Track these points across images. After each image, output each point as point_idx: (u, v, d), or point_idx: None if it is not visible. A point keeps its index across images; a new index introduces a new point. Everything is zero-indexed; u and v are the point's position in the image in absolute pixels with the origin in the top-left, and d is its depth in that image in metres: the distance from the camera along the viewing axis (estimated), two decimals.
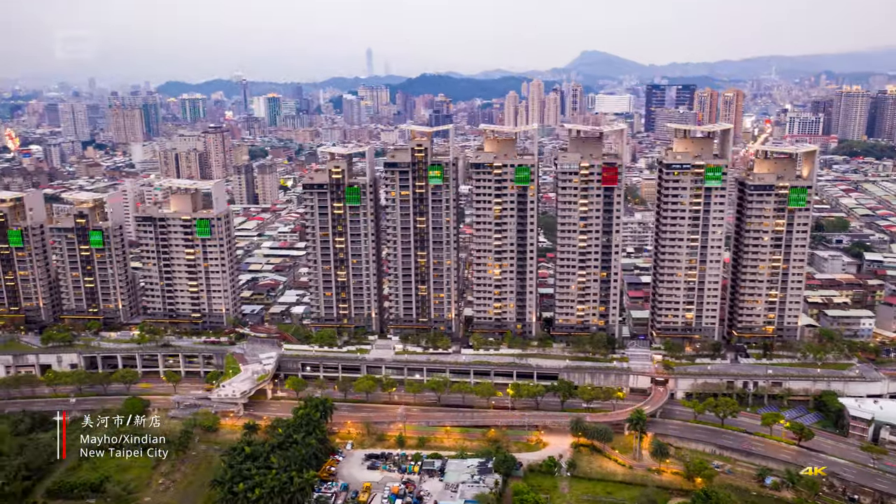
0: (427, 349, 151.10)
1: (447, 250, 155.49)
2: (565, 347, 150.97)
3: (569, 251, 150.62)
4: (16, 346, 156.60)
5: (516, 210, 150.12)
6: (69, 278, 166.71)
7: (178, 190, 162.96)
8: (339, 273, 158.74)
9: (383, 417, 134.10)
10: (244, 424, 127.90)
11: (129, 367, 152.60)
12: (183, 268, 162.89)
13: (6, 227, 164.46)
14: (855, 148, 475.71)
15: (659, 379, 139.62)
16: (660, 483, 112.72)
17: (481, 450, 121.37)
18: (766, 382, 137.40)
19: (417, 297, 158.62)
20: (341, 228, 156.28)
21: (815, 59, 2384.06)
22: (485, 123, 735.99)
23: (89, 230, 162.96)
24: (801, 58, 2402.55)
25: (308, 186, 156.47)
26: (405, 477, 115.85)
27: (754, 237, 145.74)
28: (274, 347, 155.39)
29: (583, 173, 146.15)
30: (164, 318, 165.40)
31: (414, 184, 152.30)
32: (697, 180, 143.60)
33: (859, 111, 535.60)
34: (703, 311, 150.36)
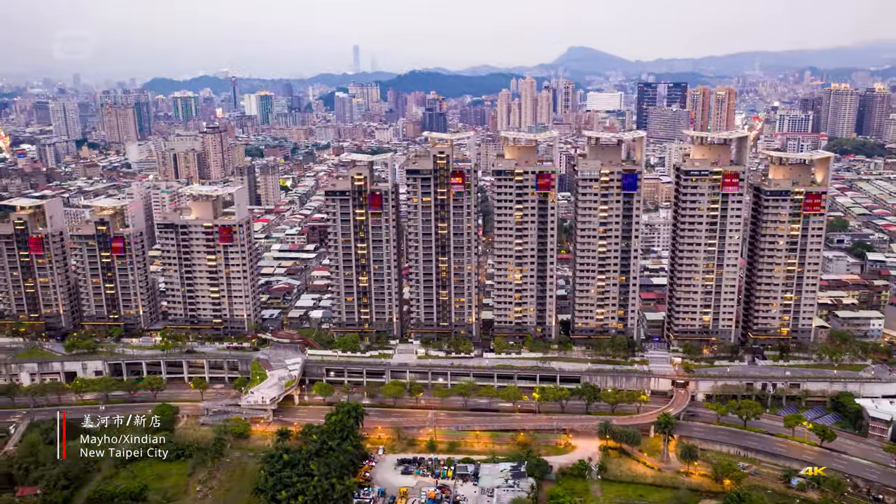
0: (450, 353, 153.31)
1: (468, 256, 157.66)
2: (585, 350, 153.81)
3: (588, 256, 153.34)
4: (40, 353, 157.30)
5: (537, 216, 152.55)
6: (90, 285, 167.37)
7: (200, 196, 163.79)
8: (360, 278, 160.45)
9: (412, 422, 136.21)
10: (277, 431, 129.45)
11: (154, 373, 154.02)
12: (204, 274, 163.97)
13: (27, 234, 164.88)
14: (845, 146, 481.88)
15: (679, 381, 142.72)
16: (689, 485, 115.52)
17: (511, 454, 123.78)
18: (784, 384, 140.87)
19: (438, 301, 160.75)
20: (363, 234, 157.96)
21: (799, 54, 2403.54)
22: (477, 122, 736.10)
23: (110, 237, 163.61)
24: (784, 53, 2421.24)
25: (330, 193, 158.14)
26: (440, 482, 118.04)
27: (770, 241, 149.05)
28: (297, 353, 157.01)
29: (603, 180, 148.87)
30: (186, 324, 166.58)
31: (436, 190, 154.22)
32: (715, 186, 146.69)
33: (848, 109, 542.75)
34: (719, 314, 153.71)
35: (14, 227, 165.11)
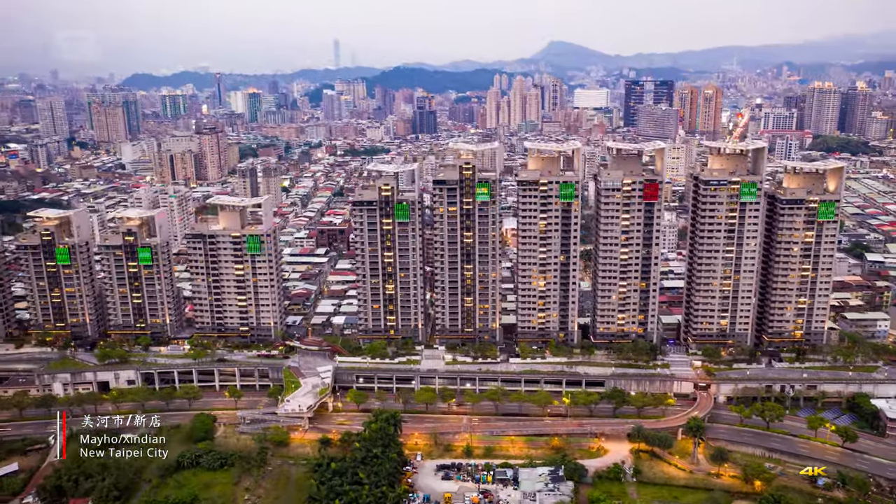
0: (476, 359, 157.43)
1: (492, 263, 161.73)
2: (607, 354, 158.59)
3: (610, 263, 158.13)
4: (72, 363, 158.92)
5: (560, 224, 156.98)
6: (116, 294, 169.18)
7: (227, 207, 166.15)
8: (387, 286, 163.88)
9: (447, 428, 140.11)
10: (319, 439, 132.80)
11: (185, 382, 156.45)
12: (232, 283, 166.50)
13: (53, 245, 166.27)
14: (830, 144, 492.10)
15: (701, 384, 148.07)
16: (720, 486, 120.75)
17: (547, 458, 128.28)
18: (801, 386, 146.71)
19: (463, 308, 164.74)
20: (390, 243, 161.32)
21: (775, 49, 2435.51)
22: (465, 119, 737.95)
23: (138, 247, 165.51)
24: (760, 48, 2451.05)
25: (357, 204, 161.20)
26: (481, 487, 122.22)
27: (785, 248, 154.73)
28: (326, 360, 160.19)
29: (625, 189, 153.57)
30: (213, 332, 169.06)
31: (461, 200, 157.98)
32: (733, 195, 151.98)
33: (831, 107, 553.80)
34: (736, 318, 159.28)
35: (41, 238, 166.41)
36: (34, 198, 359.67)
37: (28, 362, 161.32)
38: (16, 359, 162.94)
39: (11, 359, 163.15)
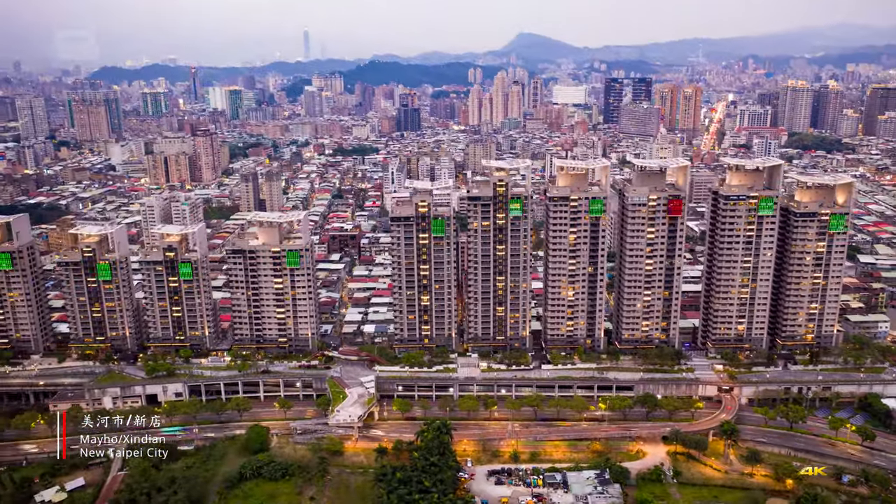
0: (510, 366, 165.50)
1: (523, 275, 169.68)
2: (633, 359, 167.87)
3: (636, 273, 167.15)
4: (120, 377, 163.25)
5: (589, 238, 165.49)
6: (156, 308, 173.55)
7: (265, 223, 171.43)
8: (422, 297, 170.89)
9: (491, 434, 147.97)
10: (374, 448, 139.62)
11: (230, 393, 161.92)
12: (271, 296, 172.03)
13: (95, 261, 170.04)
14: (805, 142, 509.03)
15: (724, 387, 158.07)
16: (755, 486, 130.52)
17: (592, 461, 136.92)
18: (817, 387, 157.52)
19: (495, 317, 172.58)
20: (426, 257, 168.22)
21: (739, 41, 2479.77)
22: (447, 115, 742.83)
23: (179, 262, 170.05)
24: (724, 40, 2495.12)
25: (395, 219, 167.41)
26: (533, 490, 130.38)
27: (798, 258, 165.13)
28: (365, 369, 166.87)
29: (650, 204, 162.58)
30: (252, 344, 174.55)
31: (495, 215, 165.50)
32: (751, 210, 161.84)
33: (804, 105, 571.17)
34: (752, 323, 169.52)
35: (83, 255, 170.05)
36: (31, 202, 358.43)
37: (74, 376, 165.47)
38: (61, 373, 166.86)
39: (57, 373, 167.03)
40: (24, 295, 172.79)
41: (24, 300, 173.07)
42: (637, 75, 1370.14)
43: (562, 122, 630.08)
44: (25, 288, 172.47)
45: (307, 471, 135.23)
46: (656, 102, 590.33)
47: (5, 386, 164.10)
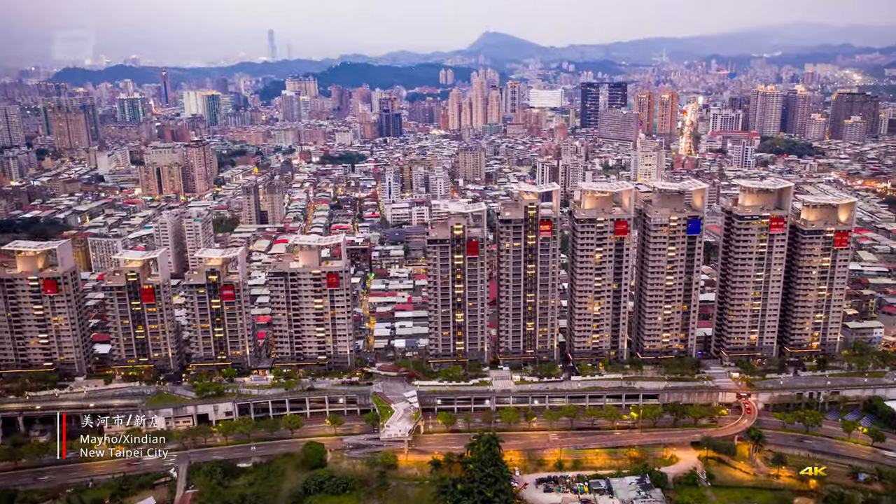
0: (542, 378, 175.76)
1: (551, 292, 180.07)
2: (654, 369, 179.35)
3: (657, 288, 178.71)
4: (171, 398, 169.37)
5: (614, 256, 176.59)
6: (199, 330, 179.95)
7: (306, 246, 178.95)
8: (456, 315, 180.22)
9: (533, 444, 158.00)
10: (429, 461, 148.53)
11: (277, 411, 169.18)
12: (311, 316, 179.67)
13: (139, 285, 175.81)
14: (777, 145, 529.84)
15: (742, 394, 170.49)
16: (782, 487, 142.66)
17: (631, 468, 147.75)
18: (826, 392, 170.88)
19: (525, 332, 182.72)
20: (460, 276, 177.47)
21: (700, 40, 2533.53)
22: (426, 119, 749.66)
23: (221, 285, 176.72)
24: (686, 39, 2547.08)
25: (432, 241, 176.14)
26: (581, 497, 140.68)
27: (805, 272, 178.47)
28: (404, 384, 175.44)
29: (671, 224, 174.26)
30: (292, 362, 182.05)
31: (525, 237, 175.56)
32: (764, 228, 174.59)
33: (774, 109, 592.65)
34: (763, 333, 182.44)
35: (126, 280, 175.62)
36: (27, 216, 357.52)
37: (123, 397, 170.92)
38: (110, 394, 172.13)
39: (106, 395, 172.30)
40: (68, 319, 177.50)
41: (68, 324, 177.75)
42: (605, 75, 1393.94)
43: (541, 126, 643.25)
44: (70, 312, 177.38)
45: (367, 484, 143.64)
46: (634, 108, 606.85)
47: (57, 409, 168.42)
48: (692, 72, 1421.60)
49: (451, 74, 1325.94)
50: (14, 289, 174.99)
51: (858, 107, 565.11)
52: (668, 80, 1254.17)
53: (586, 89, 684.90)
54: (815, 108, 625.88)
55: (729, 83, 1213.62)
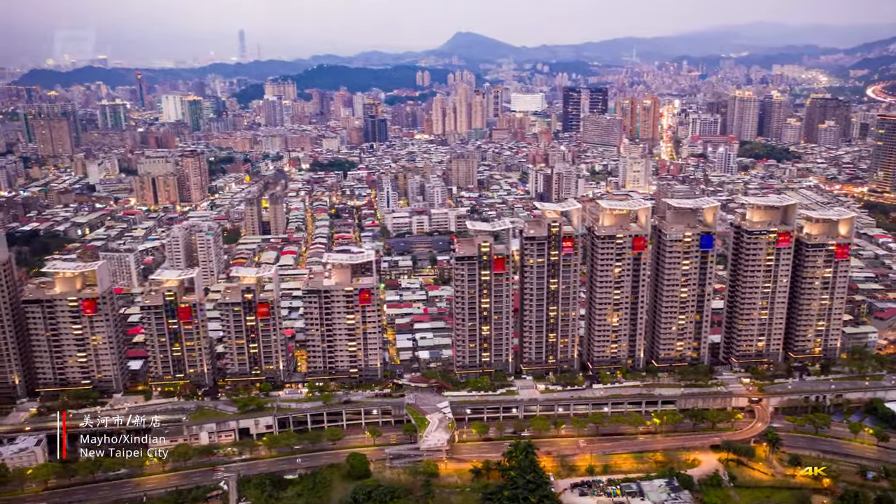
0: (565, 386, 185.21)
1: (573, 304, 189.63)
2: (669, 376, 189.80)
3: (672, 300, 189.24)
4: (213, 413, 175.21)
5: (631, 270, 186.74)
6: (234, 346, 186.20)
7: (339, 265, 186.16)
8: (483, 328, 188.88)
9: (563, 450, 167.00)
10: (469, 469, 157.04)
11: (314, 423, 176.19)
12: (343, 331, 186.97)
13: (176, 304, 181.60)
14: (756, 150, 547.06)
15: (754, 399, 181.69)
16: (799, 486, 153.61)
17: (657, 471, 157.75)
18: (831, 395, 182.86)
19: (547, 342, 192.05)
20: (486, 291, 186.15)
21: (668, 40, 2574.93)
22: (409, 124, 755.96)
23: (255, 303, 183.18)
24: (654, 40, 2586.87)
25: (459, 259, 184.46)
26: (614, 500, 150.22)
27: (809, 283, 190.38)
28: (435, 395, 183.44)
29: (685, 240, 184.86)
30: (325, 375, 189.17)
31: (549, 253, 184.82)
32: (771, 243, 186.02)
33: (751, 114, 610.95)
34: (770, 340, 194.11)
35: (164, 299, 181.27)
36: (26, 229, 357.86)
37: (164, 413, 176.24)
38: (152, 410, 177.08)
39: (148, 410, 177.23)
40: (106, 338, 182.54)
41: (106, 343, 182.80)
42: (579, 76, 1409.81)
43: (525, 130, 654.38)
44: (108, 332, 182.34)
45: (412, 493, 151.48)
46: (617, 113, 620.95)
47: (100, 425, 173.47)
48: (664, 73, 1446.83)
49: (428, 76, 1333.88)
50: (53, 309, 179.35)
51: (832, 111, 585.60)
52: (641, 82, 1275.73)
53: (568, 94, 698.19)
54: (789, 112, 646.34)
55: (701, 84, 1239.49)
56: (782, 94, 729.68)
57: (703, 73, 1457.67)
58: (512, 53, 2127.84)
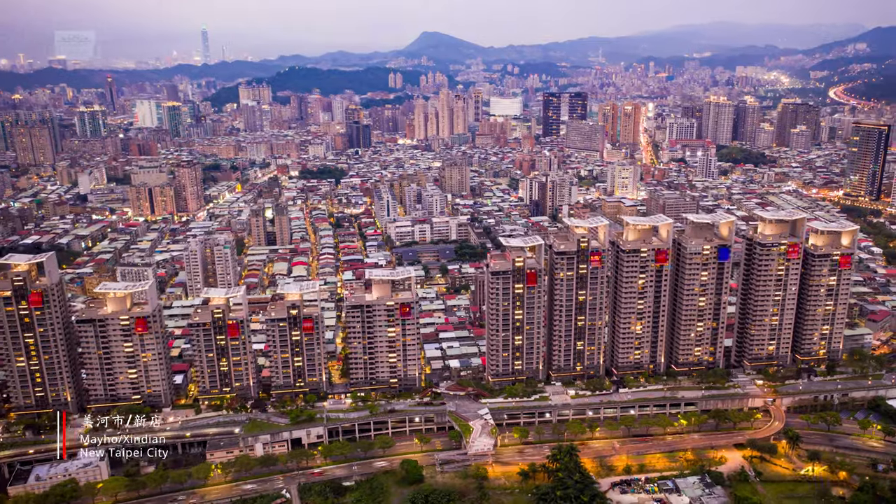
0: (594, 391, 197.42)
1: (599, 314, 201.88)
2: (688, 380, 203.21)
3: (690, 309, 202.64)
4: (267, 424, 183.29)
5: (654, 282, 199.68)
6: (279, 359, 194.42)
7: (380, 280, 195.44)
8: (516, 338, 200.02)
9: (599, 452, 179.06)
10: (518, 472, 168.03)
11: (361, 432, 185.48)
12: (384, 343, 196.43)
13: (225, 321, 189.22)
14: (734, 154, 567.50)
15: (768, 399, 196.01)
16: (818, 479, 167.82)
17: (688, 468, 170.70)
18: (839, 394, 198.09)
19: (575, 350, 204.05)
20: (519, 304, 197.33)
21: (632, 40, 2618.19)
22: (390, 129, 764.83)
23: (301, 318, 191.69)
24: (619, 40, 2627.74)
25: (495, 273, 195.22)
26: (653, 497, 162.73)
27: (815, 290, 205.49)
28: (472, 402, 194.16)
29: (704, 253, 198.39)
30: (366, 386, 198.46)
31: (578, 267, 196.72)
32: (782, 254, 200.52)
33: (726, 118, 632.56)
34: (780, 344, 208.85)
35: (213, 316, 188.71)
36: (28, 242, 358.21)
37: (217, 426, 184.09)
38: (204, 424, 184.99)
39: (200, 424, 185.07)
40: (156, 354, 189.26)
41: (156, 359, 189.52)
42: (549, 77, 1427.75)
43: (507, 135, 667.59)
44: (157, 349, 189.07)
45: (465, 495, 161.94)
46: (599, 119, 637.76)
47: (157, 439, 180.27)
48: (633, 74, 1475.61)
49: (400, 78, 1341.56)
50: (106, 328, 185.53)
51: (802, 116, 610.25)
52: (611, 84, 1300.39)
53: (548, 99, 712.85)
54: (762, 117, 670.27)
55: (669, 86, 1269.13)
56: (750, 97, 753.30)
57: (670, 74, 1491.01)
58: (479, 53, 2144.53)
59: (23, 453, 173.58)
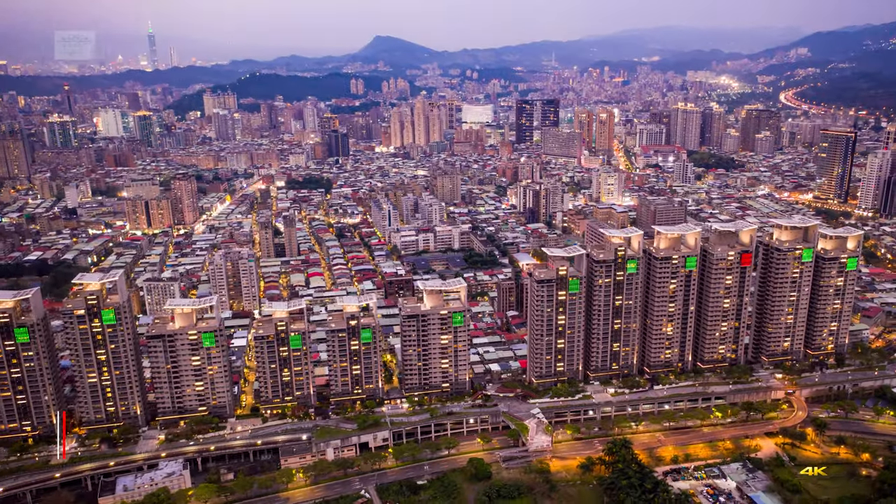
0: (631, 389, 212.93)
1: (634, 317, 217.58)
2: (714, 375, 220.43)
3: (715, 310, 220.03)
4: (336, 431, 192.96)
5: (684, 286, 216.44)
6: (338, 368, 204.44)
7: (433, 292, 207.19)
8: (558, 342, 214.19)
9: (646, 444, 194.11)
10: (578, 465, 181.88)
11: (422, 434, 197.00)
12: (437, 350, 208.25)
13: (287, 333, 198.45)
14: (705, 160, 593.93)
15: (789, 391, 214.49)
16: (844, 461, 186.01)
17: (730, 456, 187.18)
18: (850, 385, 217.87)
19: (611, 351, 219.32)
20: (562, 310, 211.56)
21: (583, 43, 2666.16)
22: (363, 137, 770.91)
23: (360, 329, 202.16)
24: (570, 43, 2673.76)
25: (539, 281, 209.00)
26: (703, 482, 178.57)
27: (824, 290, 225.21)
28: (521, 402, 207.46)
29: (729, 259, 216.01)
30: (420, 391, 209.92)
31: (615, 274, 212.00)
32: (796, 258, 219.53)
33: (694, 124, 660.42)
34: (793, 340, 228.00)
35: (276, 329, 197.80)
36: (33, 258, 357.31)
37: (286, 433, 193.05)
38: (273, 432, 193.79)
39: (269, 432, 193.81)
40: (221, 367, 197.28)
41: (221, 371, 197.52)
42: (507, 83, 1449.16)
43: (483, 142, 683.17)
44: (223, 361, 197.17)
45: (533, 489, 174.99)
46: (575, 126, 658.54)
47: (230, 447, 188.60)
48: (590, 79, 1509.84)
49: (362, 84, 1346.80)
50: (174, 343, 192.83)
51: (765, 122, 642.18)
52: (570, 89, 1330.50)
53: (521, 106, 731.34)
54: (728, 123, 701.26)
55: (626, 90, 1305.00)
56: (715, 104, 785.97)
57: (626, 79, 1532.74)
58: (434, 58, 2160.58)
59: (104, 466, 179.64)
